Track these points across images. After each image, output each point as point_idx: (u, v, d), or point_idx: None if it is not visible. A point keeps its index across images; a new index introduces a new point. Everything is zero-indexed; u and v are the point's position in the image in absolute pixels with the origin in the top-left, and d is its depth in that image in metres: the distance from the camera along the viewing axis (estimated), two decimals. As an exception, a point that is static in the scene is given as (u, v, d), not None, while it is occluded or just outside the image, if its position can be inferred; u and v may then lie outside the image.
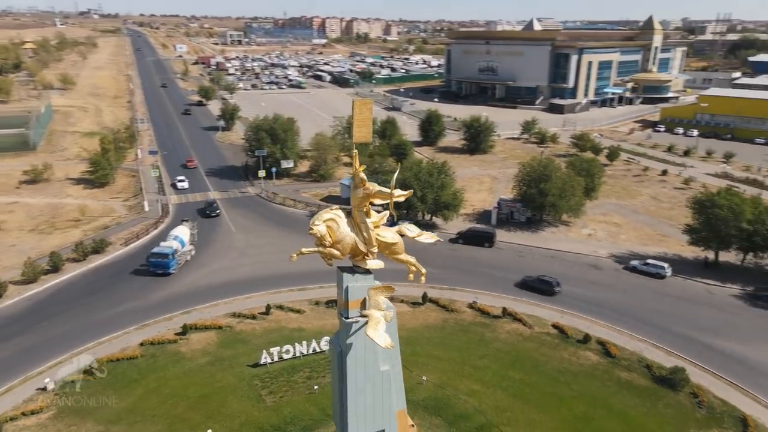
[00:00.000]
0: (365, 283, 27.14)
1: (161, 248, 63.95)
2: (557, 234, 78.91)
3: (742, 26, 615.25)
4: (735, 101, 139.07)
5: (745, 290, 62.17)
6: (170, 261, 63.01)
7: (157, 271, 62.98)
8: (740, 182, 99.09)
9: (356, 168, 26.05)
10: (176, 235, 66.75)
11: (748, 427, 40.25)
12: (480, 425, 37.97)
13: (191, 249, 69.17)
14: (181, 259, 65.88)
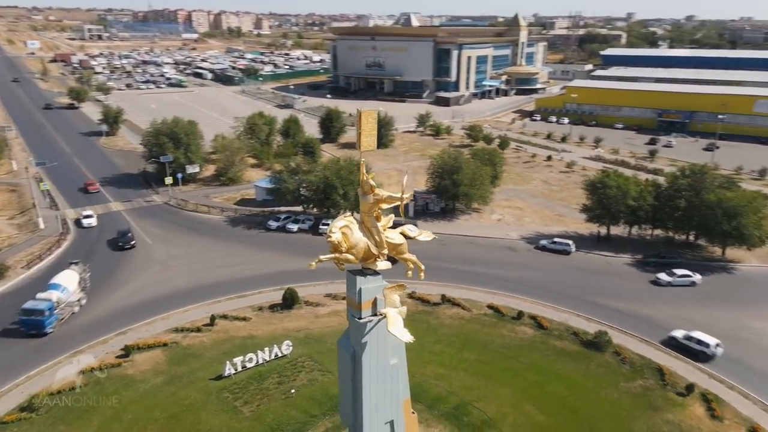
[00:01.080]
0: (376, 284, 28.56)
1: (35, 303, 51.73)
2: (470, 221, 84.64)
3: (584, 22, 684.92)
4: (597, 91, 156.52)
5: (635, 258, 71.71)
6: (45, 319, 50.92)
7: (30, 331, 50.94)
8: (611, 164, 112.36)
9: (364, 175, 27.39)
10: (57, 283, 54.99)
11: (664, 375, 47.42)
12: (456, 405, 41.08)
13: (81, 297, 57.13)
14: (65, 312, 54.13)
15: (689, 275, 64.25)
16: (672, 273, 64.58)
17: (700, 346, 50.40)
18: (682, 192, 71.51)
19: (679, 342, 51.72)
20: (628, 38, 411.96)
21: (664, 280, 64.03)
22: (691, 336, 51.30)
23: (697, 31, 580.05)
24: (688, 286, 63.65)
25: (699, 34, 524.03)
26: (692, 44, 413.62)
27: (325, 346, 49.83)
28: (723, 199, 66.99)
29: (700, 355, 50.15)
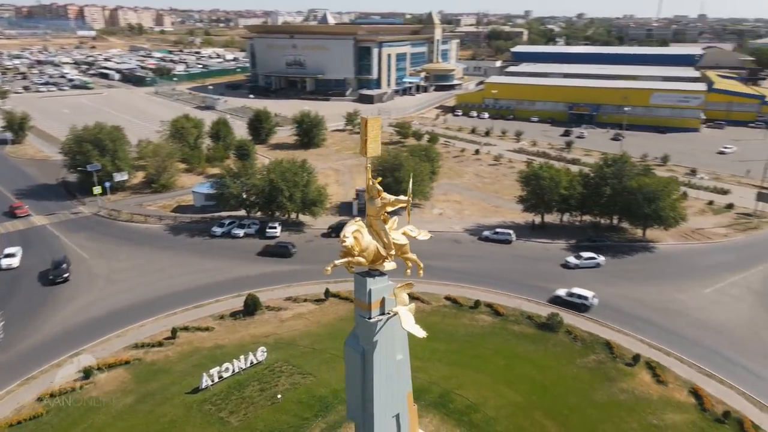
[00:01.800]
0: (383, 285, 29.62)
1: None
2: (413, 216, 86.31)
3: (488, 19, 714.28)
4: (513, 87, 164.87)
5: (570, 243, 77.30)
6: None
7: None
8: (533, 155, 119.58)
9: (371, 180, 28.43)
10: None
11: (612, 348, 52.09)
12: (440, 394, 43.01)
13: None
14: None
15: (594, 257, 70.06)
16: (579, 256, 70.34)
17: (581, 300, 59.09)
18: (607, 180, 77.90)
19: (563, 299, 59.83)
20: (529, 35, 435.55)
21: (572, 263, 69.46)
22: (572, 292, 59.83)
23: (588, 28, 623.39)
24: (593, 267, 69.19)
25: (590, 31, 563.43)
26: (585, 40, 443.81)
27: (299, 350, 50.14)
28: (643, 185, 73.82)
29: (581, 307, 58.77)
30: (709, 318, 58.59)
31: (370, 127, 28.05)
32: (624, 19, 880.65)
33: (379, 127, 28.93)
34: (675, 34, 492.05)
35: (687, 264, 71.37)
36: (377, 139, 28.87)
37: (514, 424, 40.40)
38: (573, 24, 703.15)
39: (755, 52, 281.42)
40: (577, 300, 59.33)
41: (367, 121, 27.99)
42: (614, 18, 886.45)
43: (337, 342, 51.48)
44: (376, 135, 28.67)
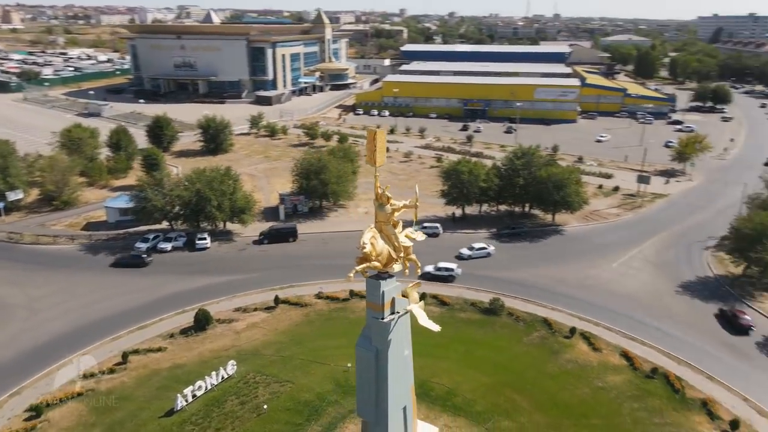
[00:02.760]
0: (393, 286, 31.26)
1: None
2: (341, 217, 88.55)
3: (367, 18, 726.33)
4: (410, 85, 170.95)
5: (491, 232, 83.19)
6: None
7: None
8: (440, 150, 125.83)
9: (380, 188, 29.91)
10: None
11: (550, 324, 57.67)
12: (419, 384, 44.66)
13: None
14: None
15: (485, 247, 74.18)
16: (472, 248, 74.06)
17: (447, 272, 66.83)
18: (518, 171, 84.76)
19: (432, 274, 66.49)
20: (408, 33, 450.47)
21: (465, 254, 73.49)
22: (440, 266, 67.25)
23: (460, 26, 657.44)
24: (485, 257, 73.63)
25: (462, 29, 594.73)
26: (461, 38, 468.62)
27: (267, 359, 49.94)
28: (551, 174, 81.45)
29: (448, 278, 66.49)
30: (621, 289, 66.65)
31: (378, 139, 29.59)
32: (491, 17, 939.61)
33: (385, 138, 30.46)
34: (537, 33, 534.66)
35: (592, 243, 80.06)
36: (384, 149, 30.47)
37: (490, 402, 43.91)
38: (446, 22, 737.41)
39: (607, 49, 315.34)
40: (445, 272, 66.78)
41: (376, 134, 29.52)
42: (482, 17, 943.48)
43: (302, 347, 52.31)
44: (382, 145, 30.28)
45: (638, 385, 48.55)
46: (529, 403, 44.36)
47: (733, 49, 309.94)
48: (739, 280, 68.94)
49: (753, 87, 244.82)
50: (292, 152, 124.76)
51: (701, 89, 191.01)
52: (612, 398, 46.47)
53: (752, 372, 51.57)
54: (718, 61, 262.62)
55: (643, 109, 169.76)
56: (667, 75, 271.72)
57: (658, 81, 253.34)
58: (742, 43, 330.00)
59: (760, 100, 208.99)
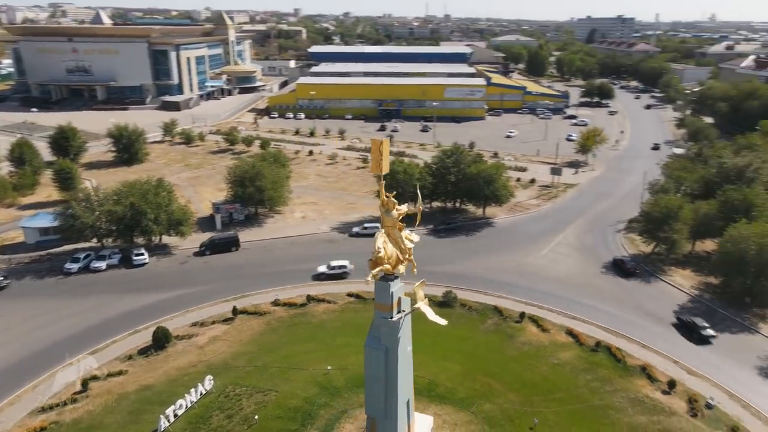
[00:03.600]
0: (399, 286, 32.90)
1: None
2: (279, 223, 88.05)
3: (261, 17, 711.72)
4: (325, 87, 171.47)
5: (429, 228, 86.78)
6: None
7: None
8: (364, 151, 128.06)
9: (386, 195, 31.41)
10: None
11: (501, 312, 61.89)
12: None
13: None
14: None
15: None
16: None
17: (341, 269, 68.93)
18: (450, 169, 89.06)
19: (327, 273, 68.67)
20: (307, 34, 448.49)
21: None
22: (332, 265, 69.31)
23: (356, 26, 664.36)
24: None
25: (359, 29, 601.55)
26: (359, 38, 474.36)
27: (241, 371, 49.44)
28: (481, 170, 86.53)
29: (343, 275, 68.67)
30: (554, 273, 72.67)
31: (384, 148, 31.08)
32: (385, 17, 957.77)
33: (389, 147, 31.99)
34: (432, 33, 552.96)
35: (521, 233, 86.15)
36: (387, 158, 31.97)
37: (468, 388, 46.83)
38: (343, 22, 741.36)
39: (499, 48, 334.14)
40: (339, 270, 69.14)
41: (381, 144, 30.96)
42: (377, 17, 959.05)
43: (273, 356, 52.35)
44: (386, 154, 31.76)
45: (586, 359, 53.78)
46: (501, 385, 47.85)
47: (609, 49, 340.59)
48: (650, 258, 77.59)
49: (628, 83, 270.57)
50: (212, 159, 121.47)
51: (588, 86, 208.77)
52: (568, 373, 51.20)
53: (674, 336, 58.80)
54: (598, 60, 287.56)
55: (541, 105, 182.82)
56: (555, 73, 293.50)
57: (548, 79, 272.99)
58: (615, 43, 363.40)
59: (634, 94, 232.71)
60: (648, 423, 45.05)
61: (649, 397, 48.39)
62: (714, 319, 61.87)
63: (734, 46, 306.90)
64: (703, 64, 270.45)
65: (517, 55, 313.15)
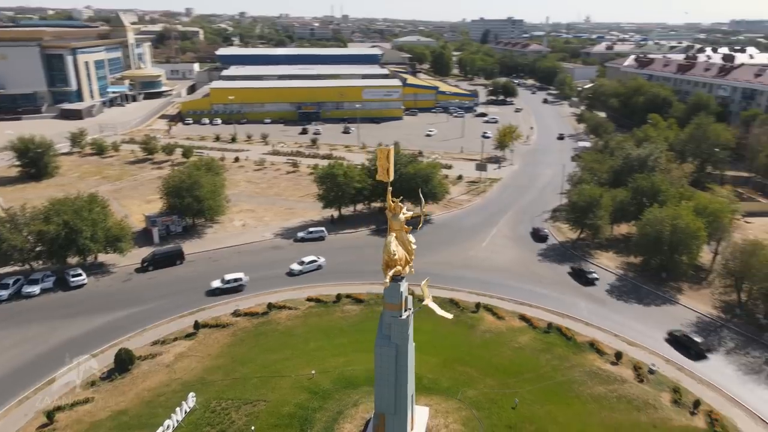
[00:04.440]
0: (405, 286, 34.51)
1: None
2: (220, 233, 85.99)
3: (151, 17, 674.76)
4: (241, 91, 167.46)
5: (371, 228, 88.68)
6: None
7: None
8: (290, 155, 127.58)
9: (393, 200, 32.88)
10: None
11: (458, 304, 65.14)
12: None
13: None
14: None
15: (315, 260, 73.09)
16: (302, 262, 72.45)
17: (237, 282, 66.18)
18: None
19: (222, 288, 65.80)
20: (204, 35, 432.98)
21: (296, 270, 71.43)
22: (227, 279, 66.28)
23: (254, 26, 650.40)
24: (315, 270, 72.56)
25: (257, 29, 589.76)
26: (260, 39, 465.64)
27: (220, 384, 48.62)
28: (419, 169, 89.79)
29: (239, 288, 66.25)
30: (497, 264, 77.43)
31: (389, 156, 32.56)
32: (282, 18, 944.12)
33: (393, 155, 33.46)
34: (334, 34, 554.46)
35: (459, 227, 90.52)
36: (393, 165, 33.46)
37: (449, 378, 49.39)
38: (240, 23, 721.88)
39: (402, 49, 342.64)
40: (234, 284, 66.11)
41: (389, 151, 32.46)
42: (275, 17, 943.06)
43: (249, 366, 52.08)
44: (391, 162, 33.24)
45: (542, 340, 58.38)
46: (477, 371, 50.96)
47: (505, 49, 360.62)
48: (577, 243, 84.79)
49: (525, 81, 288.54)
50: (132, 171, 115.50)
51: (494, 85, 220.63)
52: (529, 354, 55.41)
53: (610, 313, 65.15)
54: (497, 60, 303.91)
55: (453, 104, 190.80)
56: (459, 72, 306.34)
57: (452, 78, 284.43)
58: (510, 43, 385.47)
59: (531, 91, 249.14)
60: (606, 392, 50.09)
61: (601, 369, 53.67)
62: (640, 295, 69.42)
63: (613, 46, 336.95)
64: (589, 63, 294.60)
65: (420, 56, 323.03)
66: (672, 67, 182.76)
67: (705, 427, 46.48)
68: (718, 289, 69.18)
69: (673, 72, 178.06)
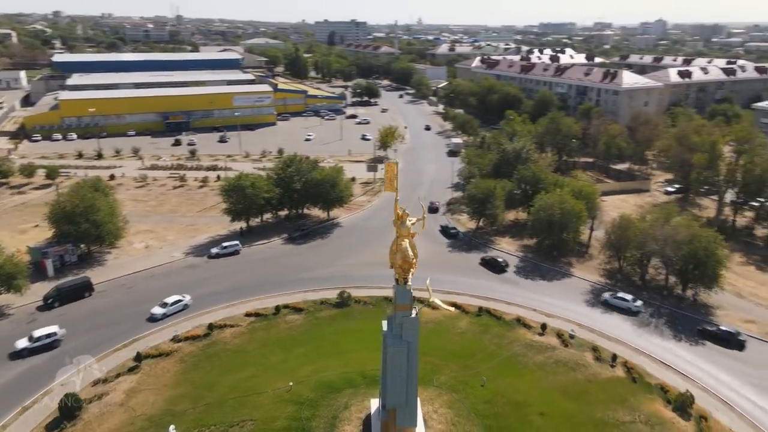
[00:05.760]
0: (411, 287, 36.98)
1: None
2: (122, 258, 79.85)
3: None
4: (98, 102, 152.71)
5: (283, 237, 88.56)
6: None
7: None
8: (170, 169, 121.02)
9: (401, 209, 35.07)
10: None
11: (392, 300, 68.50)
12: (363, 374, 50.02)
13: None
14: None
15: (181, 299, 65.79)
16: (165, 304, 64.67)
17: (49, 338, 56.83)
18: (293, 177, 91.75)
19: (29, 348, 55.90)
20: (19, 37, 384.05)
21: (158, 314, 63.46)
22: (36, 336, 56.63)
23: (73, 27, 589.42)
24: (182, 310, 65.30)
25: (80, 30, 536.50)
26: (88, 42, 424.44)
27: (192, 414, 46.70)
28: (326, 175, 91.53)
29: (54, 344, 57.07)
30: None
31: (395, 170, 34.78)
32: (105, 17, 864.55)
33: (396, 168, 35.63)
34: (172, 36, 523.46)
35: (367, 228, 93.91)
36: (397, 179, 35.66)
37: (419, 368, 52.34)
38: (56, 23, 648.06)
39: (252, 51, 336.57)
40: (46, 340, 56.88)
41: (395, 165, 34.73)
42: (96, 16, 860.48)
43: (216, 390, 50.97)
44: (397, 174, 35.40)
45: (478, 323, 64.30)
46: (437, 359, 54.93)
47: (357, 51, 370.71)
48: (477, 232, 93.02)
49: (380, 81, 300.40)
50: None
51: (357, 86, 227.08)
52: (473, 338, 60.90)
53: (523, 291, 73.33)
54: (351, 62, 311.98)
55: (323, 107, 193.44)
56: (316, 75, 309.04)
57: (310, 81, 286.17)
58: (362, 45, 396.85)
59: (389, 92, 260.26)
60: (545, 359, 57.24)
61: (534, 341, 60.94)
62: (542, 272, 78.93)
63: (455, 48, 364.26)
64: (436, 64, 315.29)
65: (274, 59, 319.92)
66: (516, 67, 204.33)
67: (624, 375, 55.50)
68: (602, 260, 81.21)
69: (518, 72, 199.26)
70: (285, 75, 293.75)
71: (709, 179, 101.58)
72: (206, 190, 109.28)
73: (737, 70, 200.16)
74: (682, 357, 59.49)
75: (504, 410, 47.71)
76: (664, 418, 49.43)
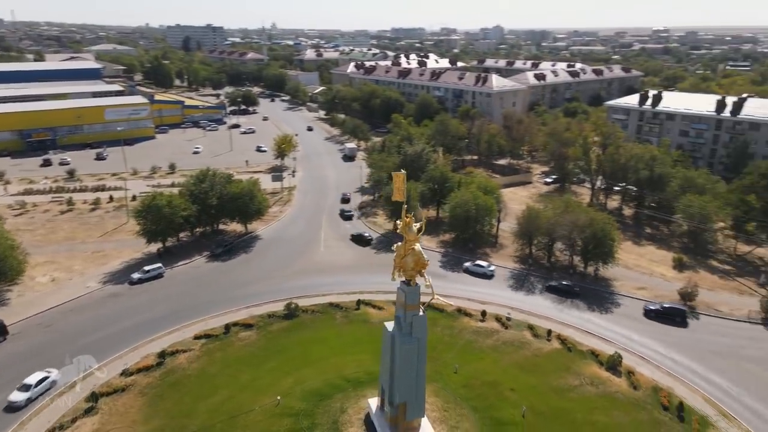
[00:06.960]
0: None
1: None
2: (28, 294, 71.87)
3: None
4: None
5: (205, 255, 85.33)
6: None
7: None
8: (53, 193, 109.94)
9: (406, 216, 37.33)
10: None
11: (339, 305, 70.01)
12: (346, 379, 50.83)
13: None
14: None
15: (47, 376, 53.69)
16: (28, 386, 51.63)
17: None
18: (208, 193, 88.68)
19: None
20: None
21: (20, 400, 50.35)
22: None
23: None
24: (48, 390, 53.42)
25: None
26: None
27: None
28: (243, 188, 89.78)
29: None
30: (344, 263, 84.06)
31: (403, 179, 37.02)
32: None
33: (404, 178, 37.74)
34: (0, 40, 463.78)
35: (289, 238, 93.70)
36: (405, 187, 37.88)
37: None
38: None
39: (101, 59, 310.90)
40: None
41: (403, 177, 36.88)
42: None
43: (198, 417, 50.17)
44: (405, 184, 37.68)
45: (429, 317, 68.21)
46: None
47: (222, 58, 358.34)
48: (395, 233, 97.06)
49: (251, 88, 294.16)
50: None
51: (234, 95, 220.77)
52: (436, 331, 64.23)
53: (453, 284, 78.64)
54: (217, 69, 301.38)
55: (202, 118, 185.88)
56: (181, 83, 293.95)
57: (176, 90, 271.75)
58: (227, 52, 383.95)
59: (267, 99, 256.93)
60: (494, 343, 62.88)
61: (479, 327, 66.41)
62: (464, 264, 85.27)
63: (322, 54, 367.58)
64: (305, 69, 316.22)
65: (130, 66, 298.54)
66: (393, 73, 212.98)
67: (561, 347, 62.94)
68: (514, 248, 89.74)
69: (396, 77, 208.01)
70: (146, 84, 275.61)
71: (583, 169, 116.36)
72: (101, 213, 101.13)
73: (580, 73, 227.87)
74: (599, 324, 68.72)
75: (482, 391, 52.16)
76: (602, 377, 57.29)
